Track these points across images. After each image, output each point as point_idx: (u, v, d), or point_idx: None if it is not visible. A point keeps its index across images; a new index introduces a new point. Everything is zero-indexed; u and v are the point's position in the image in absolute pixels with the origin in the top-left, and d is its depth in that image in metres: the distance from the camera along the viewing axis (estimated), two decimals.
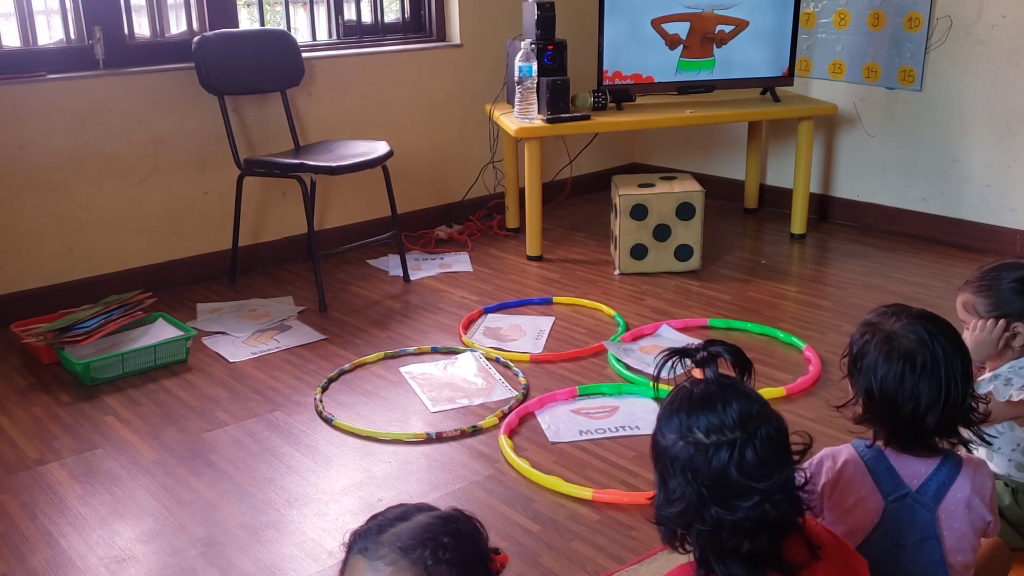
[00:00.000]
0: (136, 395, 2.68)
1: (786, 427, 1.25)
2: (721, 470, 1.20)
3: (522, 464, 2.23)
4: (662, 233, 3.53)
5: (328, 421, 2.49)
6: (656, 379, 1.35)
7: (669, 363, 1.34)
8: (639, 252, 3.56)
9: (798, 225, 4.00)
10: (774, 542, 1.22)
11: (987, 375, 1.86)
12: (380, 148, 3.41)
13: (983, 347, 1.86)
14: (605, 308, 3.22)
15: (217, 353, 2.95)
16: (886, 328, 1.50)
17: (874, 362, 1.48)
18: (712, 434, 1.21)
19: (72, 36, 3.28)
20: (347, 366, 2.82)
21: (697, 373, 1.30)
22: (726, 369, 1.30)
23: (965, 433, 1.50)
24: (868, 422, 1.52)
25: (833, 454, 1.57)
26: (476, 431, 2.43)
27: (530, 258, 3.81)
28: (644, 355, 2.85)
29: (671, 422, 1.26)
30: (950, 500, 1.48)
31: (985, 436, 1.53)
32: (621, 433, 2.41)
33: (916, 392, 1.44)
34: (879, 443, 1.52)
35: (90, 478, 2.24)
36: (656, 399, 2.57)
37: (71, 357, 2.72)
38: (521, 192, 3.97)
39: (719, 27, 3.80)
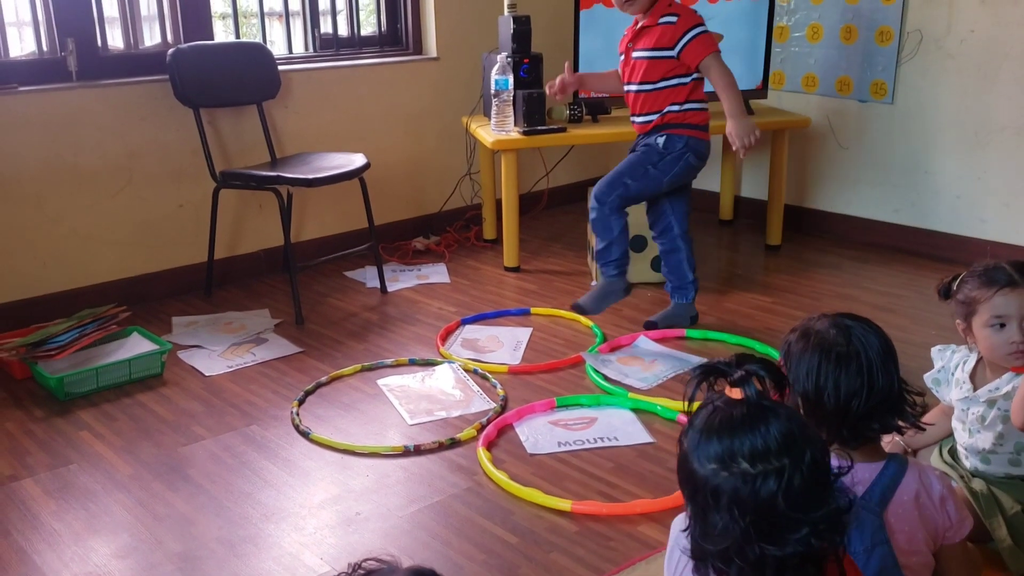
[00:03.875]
0: (111, 409, 2.65)
1: (828, 449, 1.19)
2: (769, 502, 1.11)
3: (500, 476, 2.23)
4: (638, 244, 3.55)
5: (305, 434, 2.48)
6: (690, 400, 1.24)
7: (703, 383, 1.24)
8: None
9: (773, 236, 4.04)
10: (817, 574, 1.15)
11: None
12: (357, 160, 3.41)
13: None
14: (583, 319, 3.23)
15: (193, 367, 2.93)
16: (807, 327, 1.54)
17: (797, 360, 1.52)
18: (758, 462, 1.12)
19: (44, 48, 3.26)
20: (324, 379, 2.80)
21: (734, 393, 1.20)
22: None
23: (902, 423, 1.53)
24: None
25: None
26: (454, 443, 2.42)
27: (507, 269, 3.81)
28: (622, 366, 2.86)
29: (709, 448, 1.16)
30: (897, 503, 1.49)
31: (921, 424, 1.56)
32: (599, 444, 2.41)
33: (837, 382, 1.47)
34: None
35: (64, 494, 2.22)
36: (634, 410, 2.58)
37: (44, 372, 2.69)
38: (498, 203, 3.98)
39: None
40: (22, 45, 3.29)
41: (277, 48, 3.89)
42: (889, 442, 1.97)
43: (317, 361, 2.96)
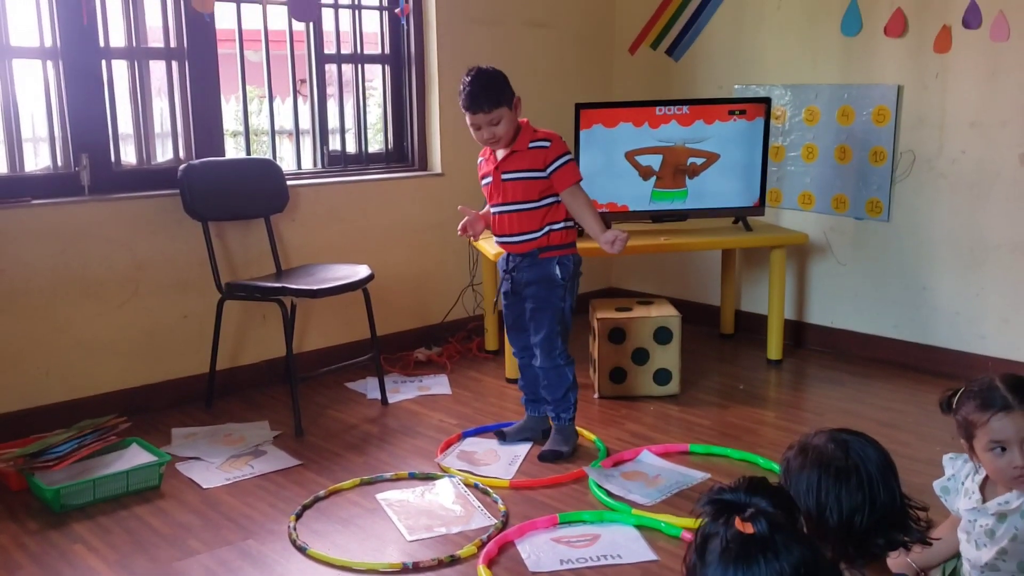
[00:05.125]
0: (106, 522, 2.61)
1: (840, 573, 1.18)
2: None
3: None
4: (640, 357, 3.56)
5: (302, 550, 2.43)
6: (702, 548, 1.20)
7: (718, 521, 1.19)
8: (618, 376, 3.58)
9: (774, 351, 4.05)
10: None
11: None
12: (361, 272, 3.45)
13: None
14: (585, 432, 3.21)
15: (190, 479, 2.89)
16: (805, 443, 1.53)
17: (796, 476, 1.51)
18: None
19: (59, 163, 3.34)
20: (322, 493, 2.77)
21: (745, 527, 1.17)
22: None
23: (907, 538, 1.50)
24: None
25: None
26: (454, 561, 2.37)
27: (509, 380, 3.81)
28: (625, 481, 2.82)
29: None
30: None
31: (928, 539, 1.53)
32: (603, 562, 2.36)
33: (838, 498, 1.46)
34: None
35: None
36: (638, 527, 2.54)
37: (41, 483, 2.66)
38: (500, 315, 4.00)
39: (691, 159, 3.93)
40: (37, 160, 3.38)
41: (287, 164, 3.99)
42: (901, 563, 1.93)
43: (316, 474, 2.93)
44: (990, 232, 3.70)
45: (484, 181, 3.08)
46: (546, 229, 2.97)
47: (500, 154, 2.99)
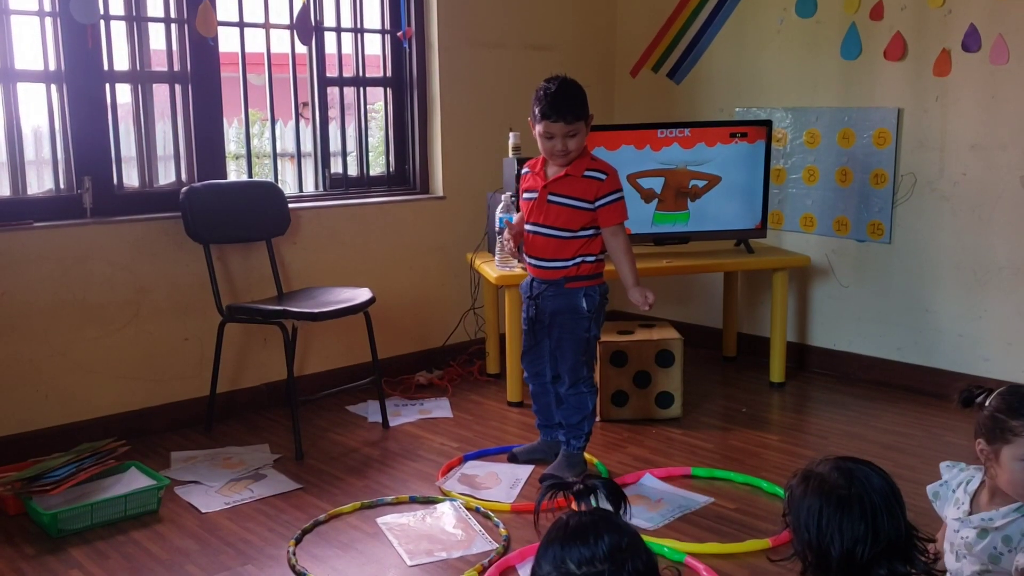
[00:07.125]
0: (104, 547, 2.59)
1: (655, 563, 1.30)
2: None
3: None
4: (642, 380, 3.54)
5: (301, 575, 2.41)
6: (537, 511, 1.42)
7: (548, 494, 1.43)
8: (620, 399, 3.56)
9: (776, 373, 4.03)
10: None
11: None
12: (362, 295, 3.44)
13: None
14: (587, 456, 3.18)
15: (189, 503, 2.87)
16: (808, 470, 1.51)
17: (797, 505, 1.49)
18: (583, 566, 1.25)
19: (62, 185, 3.35)
20: (322, 517, 2.75)
21: (574, 505, 1.36)
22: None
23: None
24: (811, 572, 1.50)
25: None
26: None
27: (510, 404, 3.79)
28: (628, 506, 2.80)
29: (547, 553, 1.29)
30: None
31: (934, 571, 1.51)
32: None
33: (839, 528, 1.44)
34: None
35: None
36: None
37: (38, 507, 2.65)
38: (501, 338, 4.00)
39: (692, 182, 3.93)
40: (40, 182, 3.38)
41: (288, 187, 3.99)
42: None
43: (315, 498, 2.91)
44: (993, 254, 3.69)
45: (527, 195, 3.02)
46: (578, 260, 2.95)
47: (551, 172, 2.95)
